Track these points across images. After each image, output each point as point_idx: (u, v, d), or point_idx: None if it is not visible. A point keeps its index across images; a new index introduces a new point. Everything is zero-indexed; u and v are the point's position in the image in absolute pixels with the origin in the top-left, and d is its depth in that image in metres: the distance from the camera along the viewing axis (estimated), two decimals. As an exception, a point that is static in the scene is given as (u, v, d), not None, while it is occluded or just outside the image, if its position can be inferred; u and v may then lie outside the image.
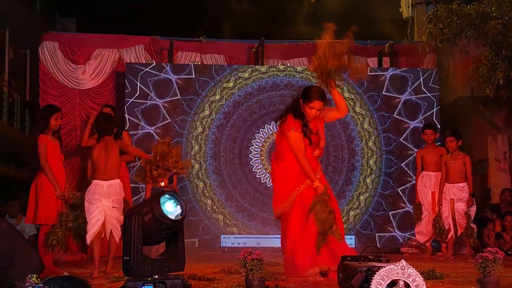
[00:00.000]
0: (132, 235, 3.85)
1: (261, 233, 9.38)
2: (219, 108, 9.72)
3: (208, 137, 9.66)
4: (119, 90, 10.01)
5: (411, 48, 10.51)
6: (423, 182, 8.42)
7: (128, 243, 3.86)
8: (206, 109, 9.68)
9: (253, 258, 4.01)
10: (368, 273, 3.75)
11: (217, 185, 9.57)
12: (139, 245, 3.85)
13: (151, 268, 3.85)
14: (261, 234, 9.37)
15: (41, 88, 10.05)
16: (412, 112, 9.86)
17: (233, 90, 9.76)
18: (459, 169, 8.02)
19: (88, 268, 6.35)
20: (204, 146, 9.65)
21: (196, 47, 10.51)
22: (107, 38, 10.39)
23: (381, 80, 9.93)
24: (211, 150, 9.67)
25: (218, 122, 9.70)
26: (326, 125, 6.01)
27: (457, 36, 8.26)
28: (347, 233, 9.52)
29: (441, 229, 7.95)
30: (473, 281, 4.42)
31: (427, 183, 8.38)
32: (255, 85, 9.81)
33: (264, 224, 9.38)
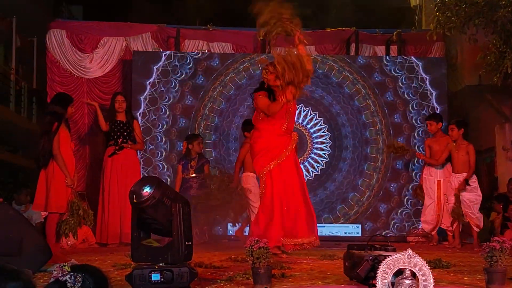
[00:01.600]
0: (136, 223, 3.96)
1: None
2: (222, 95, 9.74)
3: (218, 125, 9.69)
4: (127, 78, 10.01)
5: (419, 36, 10.45)
6: (429, 171, 8.49)
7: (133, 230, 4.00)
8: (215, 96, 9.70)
9: (260, 246, 4.01)
10: (375, 262, 3.75)
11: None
12: (134, 232, 3.99)
13: (145, 256, 3.93)
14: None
15: (48, 76, 10.05)
16: (419, 101, 9.81)
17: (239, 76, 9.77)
18: (462, 159, 8.06)
19: (95, 256, 6.39)
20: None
21: (203, 35, 10.49)
22: (114, 26, 10.37)
23: (388, 68, 9.88)
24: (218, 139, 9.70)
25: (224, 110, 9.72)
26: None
27: (465, 24, 8.21)
28: (354, 222, 9.55)
29: (459, 214, 8.00)
30: (480, 270, 4.42)
31: (433, 172, 8.46)
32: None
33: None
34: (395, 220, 9.60)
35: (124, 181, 8.22)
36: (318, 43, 10.69)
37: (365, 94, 9.83)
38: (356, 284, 4.06)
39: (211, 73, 9.76)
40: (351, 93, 9.84)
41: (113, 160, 8.33)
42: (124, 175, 8.28)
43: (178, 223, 3.95)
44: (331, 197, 9.64)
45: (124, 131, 8.42)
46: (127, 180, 8.21)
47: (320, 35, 10.76)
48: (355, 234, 9.47)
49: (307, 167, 9.66)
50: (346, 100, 9.82)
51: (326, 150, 9.74)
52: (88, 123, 9.89)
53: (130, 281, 3.77)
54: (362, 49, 10.62)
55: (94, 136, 9.75)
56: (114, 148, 8.34)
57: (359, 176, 9.71)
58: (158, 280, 3.77)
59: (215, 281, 4.35)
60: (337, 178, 9.69)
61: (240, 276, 4.43)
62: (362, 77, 9.84)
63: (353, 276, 4.15)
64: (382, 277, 3.39)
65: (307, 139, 9.73)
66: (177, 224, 3.94)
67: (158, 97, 9.61)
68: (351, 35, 10.61)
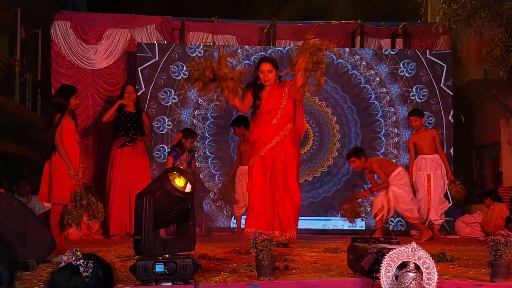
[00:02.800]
0: (143, 214, 3.86)
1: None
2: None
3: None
4: (131, 70, 10.01)
5: (425, 29, 10.42)
6: (418, 166, 8.62)
7: (140, 222, 3.88)
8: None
9: (264, 238, 4.01)
10: (378, 255, 3.74)
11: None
12: (150, 224, 3.86)
13: (161, 248, 3.87)
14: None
15: (53, 68, 10.05)
16: (424, 94, 9.78)
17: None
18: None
19: (99, 247, 6.40)
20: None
21: (208, 28, 10.47)
22: (119, 18, 10.37)
23: (393, 61, 9.85)
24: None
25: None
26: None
27: (471, 17, 8.18)
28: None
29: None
30: (484, 264, 4.41)
31: (422, 166, 8.59)
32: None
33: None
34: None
35: (133, 172, 8.24)
36: (323, 35, 10.64)
37: (370, 87, 9.79)
38: (359, 277, 4.05)
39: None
40: (355, 85, 9.80)
41: (122, 152, 8.32)
42: (134, 166, 8.30)
43: (193, 213, 4.01)
44: (336, 190, 9.63)
45: (133, 123, 8.40)
46: (137, 171, 8.24)
47: (325, 28, 10.72)
48: (359, 227, 9.46)
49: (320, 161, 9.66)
50: (349, 90, 9.79)
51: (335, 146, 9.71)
52: (92, 115, 9.89)
53: (134, 272, 3.76)
54: (367, 42, 10.58)
55: (99, 127, 9.75)
56: (125, 139, 8.32)
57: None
58: (162, 272, 3.76)
59: (219, 272, 4.35)
60: (342, 172, 9.67)
61: (243, 268, 4.43)
62: (366, 70, 9.80)
63: (357, 269, 4.15)
64: (386, 270, 3.38)
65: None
66: (193, 214, 3.98)
67: (162, 89, 9.58)
68: (356, 28, 10.57)
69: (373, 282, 3.68)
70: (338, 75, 9.80)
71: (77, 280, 2.25)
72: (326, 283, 4.04)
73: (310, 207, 9.49)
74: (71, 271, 2.26)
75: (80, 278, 2.25)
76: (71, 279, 2.25)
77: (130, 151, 8.33)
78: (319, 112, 9.76)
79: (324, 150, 9.74)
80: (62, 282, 2.24)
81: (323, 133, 9.75)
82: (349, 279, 4.09)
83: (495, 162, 10.96)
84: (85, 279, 2.25)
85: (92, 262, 2.29)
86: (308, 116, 9.60)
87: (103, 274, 2.31)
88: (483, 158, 11.51)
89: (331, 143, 9.75)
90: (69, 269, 2.27)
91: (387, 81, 9.81)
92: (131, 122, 8.39)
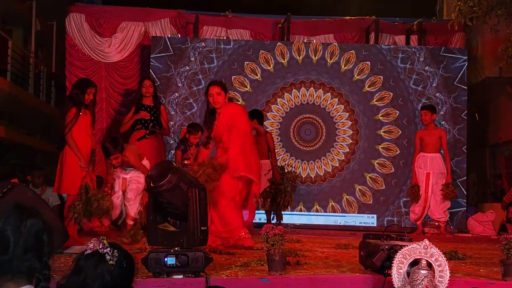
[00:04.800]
0: (149, 207, 4.02)
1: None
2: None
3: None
4: (145, 63, 10.02)
5: (440, 26, 10.34)
6: (419, 163, 8.66)
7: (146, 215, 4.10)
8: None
9: (275, 233, 4.01)
10: (390, 252, 3.73)
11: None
12: (150, 216, 4.04)
13: (161, 240, 3.98)
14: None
15: (67, 60, 10.10)
16: (440, 92, 9.73)
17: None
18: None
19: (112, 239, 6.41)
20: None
21: (222, 22, 10.47)
22: (133, 11, 10.39)
23: (409, 59, 9.80)
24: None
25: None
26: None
27: (487, 14, 8.10)
28: (370, 212, 9.52)
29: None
30: (496, 262, 4.39)
31: (423, 164, 8.62)
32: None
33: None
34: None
35: (151, 165, 8.26)
36: (337, 31, 10.64)
37: (382, 83, 9.75)
38: (371, 273, 4.05)
39: (229, 60, 9.74)
40: (367, 81, 9.76)
41: (140, 144, 8.35)
42: (152, 159, 8.32)
43: (194, 208, 3.98)
44: (346, 186, 9.61)
45: (151, 116, 8.43)
46: (154, 164, 8.25)
47: (339, 23, 10.70)
48: (370, 224, 9.44)
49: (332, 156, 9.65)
50: (359, 88, 9.76)
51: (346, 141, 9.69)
52: (106, 107, 9.93)
53: (146, 264, 3.79)
54: (382, 38, 10.53)
55: (112, 121, 9.79)
56: (145, 132, 8.36)
57: (375, 166, 9.66)
58: (173, 264, 3.78)
59: (230, 266, 4.36)
60: (353, 167, 9.65)
61: (255, 263, 4.44)
62: (379, 66, 9.76)
63: (369, 265, 4.14)
64: (398, 266, 3.38)
65: (333, 127, 9.69)
66: (193, 209, 3.97)
67: (174, 83, 9.60)
68: (371, 24, 10.52)
69: (385, 279, 3.67)
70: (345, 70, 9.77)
71: (103, 268, 2.28)
72: (338, 279, 4.04)
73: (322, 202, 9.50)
74: (97, 259, 2.30)
75: (106, 266, 2.29)
76: (98, 266, 2.29)
77: (148, 143, 8.36)
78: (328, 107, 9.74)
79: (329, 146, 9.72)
80: (88, 269, 2.29)
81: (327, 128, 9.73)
82: (360, 275, 4.09)
83: (509, 161, 10.88)
84: (110, 267, 2.29)
85: (117, 251, 2.32)
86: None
87: (126, 264, 2.35)
88: (497, 157, 11.43)
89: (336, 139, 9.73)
90: (96, 257, 2.31)
91: (402, 78, 9.75)
92: (149, 115, 8.42)
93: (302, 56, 9.77)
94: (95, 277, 2.27)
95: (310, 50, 9.79)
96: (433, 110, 8.71)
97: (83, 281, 2.27)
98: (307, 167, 9.61)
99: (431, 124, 8.67)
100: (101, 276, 2.27)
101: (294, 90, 9.71)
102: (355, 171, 9.64)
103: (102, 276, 2.27)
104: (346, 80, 9.75)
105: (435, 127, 8.75)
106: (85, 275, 2.28)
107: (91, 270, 2.28)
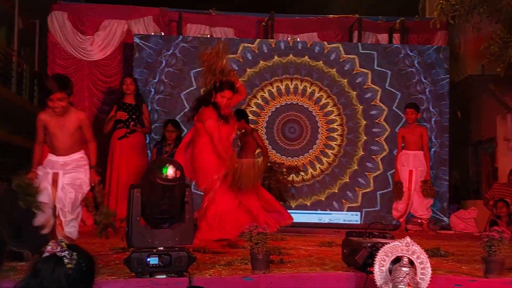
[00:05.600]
0: (130, 207, 3.91)
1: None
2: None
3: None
4: (127, 62, 9.97)
5: (422, 25, 10.38)
6: (401, 161, 8.82)
7: (127, 215, 3.94)
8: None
9: (259, 232, 4.02)
10: (373, 249, 3.75)
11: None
12: (137, 217, 3.91)
13: (151, 240, 3.89)
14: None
15: (49, 59, 10.02)
16: (421, 90, 9.77)
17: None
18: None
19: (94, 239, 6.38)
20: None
21: (205, 20, 10.43)
22: (116, 9, 10.33)
23: (392, 57, 9.83)
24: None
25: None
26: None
27: (469, 12, 8.15)
28: (354, 209, 9.55)
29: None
30: (478, 260, 4.42)
31: (405, 162, 8.78)
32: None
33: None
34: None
35: (133, 164, 8.25)
36: (321, 29, 10.65)
37: (368, 81, 9.78)
38: (354, 271, 4.07)
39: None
40: (353, 80, 9.79)
41: (122, 143, 8.32)
42: (134, 158, 8.30)
43: (190, 207, 4.03)
44: (332, 184, 9.63)
45: (133, 114, 8.39)
46: (137, 163, 8.24)
47: (323, 22, 10.72)
48: (354, 221, 9.47)
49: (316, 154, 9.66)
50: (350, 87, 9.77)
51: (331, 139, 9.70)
52: (89, 106, 9.85)
53: (128, 264, 3.77)
54: (365, 37, 10.56)
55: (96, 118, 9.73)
56: (125, 131, 8.32)
57: (361, 164, 9.68)
58: (156, 264, 3.78)
59: (214, 265, 4.36)
60: (339, 166, 9.67)
61: (238, 262, 4.45)
62: (363, 65, 9.78)
63: (351, 263, 4.16)
64: (380, 264, 3.39)
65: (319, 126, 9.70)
66: (189, 208, 3.99)
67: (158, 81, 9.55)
68: (354, 22, 10.55)
69: (367, 277, 3.69)
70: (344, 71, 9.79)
71: (60, 272, 2.23)
72: (321, 277, 4.05)
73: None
74: (55, 262, 2.24)
75: (64, 269, 2.23)
76: (55, 270, 2.23)
77: (130, 142, 8.33)
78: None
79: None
80: (46, 272, 2.23)
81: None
82: (343, 273, 4.11)
83: (491, 158, 10.96)
84: (68, 271, 2.23)
85: (76, 254, 2.28)
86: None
87: (86, 266, 2.30)
88: (479, 154, 11.51)
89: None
90: (53, 260, 2.25)
91: (383, 76, 9.78)
92: (130, 114, 8.38)
93: (286, 53, 9.76)
94: (52, 280, 2.21)
95: (294, 47, 9.79)
96: (418, 109, 8.84)
97: (40, 284, 2.21)
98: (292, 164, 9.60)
99: (414, 122, 8.77)
100: (58, 280, 2.21)
101: (278, 87, 9.70)
102: (340, 169, 9.65)
103: (58, 280, 2.21)
104: (330, 78, 9.75)
105: (417, 125, 8.89)
106: (42, 278, 2.22)
107: (48, 274, 2.22)
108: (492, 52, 8.44)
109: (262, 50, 9.75)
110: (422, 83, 9.78)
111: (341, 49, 9.81)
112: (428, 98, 9.73)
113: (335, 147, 9.69)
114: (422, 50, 9.88)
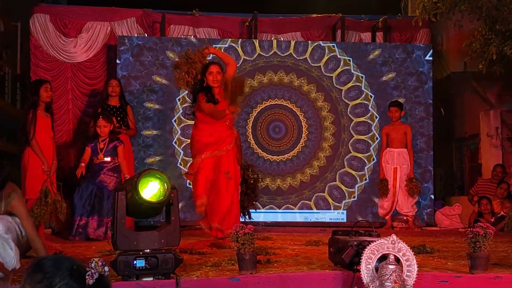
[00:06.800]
0: (115, 210, 3.90)
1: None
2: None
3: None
4: (111, 63, 9.92)
5: (405, 23, 10.43)
6: (386, 159, 8.94)
7: (112, 218, 3.93)
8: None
9: (245, 232, 4.02)
10: (359, 247, 3.77)
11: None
12: (122, 219, 3.89)
13: (136, 242, 3.87)
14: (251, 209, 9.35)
15: (32, 62, 9.94)
16: (404, 88, 9.82)
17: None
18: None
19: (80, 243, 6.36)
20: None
21: (189, 21, 10.41)
22: (99, 10, 10.27)
23: (374, 55, 9.87)
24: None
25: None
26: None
27: (451, 10, 8.20)
28: (340, 208, 9.58)
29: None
30: (463, 256, 4.46)
31: (390, 159, 8.90)
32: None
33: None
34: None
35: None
36: (304, 29, 10.67)
37: (353, 79, 9.81)
38: (340, 270, 4.08)
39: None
40: (337, 79, 9.81)
41: None
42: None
43: (176, 208, 4.03)
44: (316, 182, 9.65)
45: (117, 116, 8.34)
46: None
47: (306, 21, 10.74)
48: (340, 220, 9.50)
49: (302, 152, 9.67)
50: (331, 86, 9.80)
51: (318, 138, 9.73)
52: (72, 108, 9.79)
53: (115, 267, 3.76)
54: (348, 36, 10.60)
55: (80, 121, 9.68)
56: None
57: (345, 162, 9.72)
58: (143, 267, 3.77)
59: (201, 266, 4.35)
60: (321, 163, 9.69)
61: (225, 262, 4.45)
62: (347, 64, 9.81)
63: (338, 262, 4.18)
64: (366, 262, 3.41)
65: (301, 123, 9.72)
66: (175, 209, 4.00)
67: (142, 83, 9.52)
68: (337, 22, 10.58)
69: (354, 275, 3.71)
70: (313, 68, 9.81)
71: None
72: (307, 276, 4.06)
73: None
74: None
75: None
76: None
77: None
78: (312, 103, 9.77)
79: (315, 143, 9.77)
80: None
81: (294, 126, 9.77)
82: (330, 272, 4.12)
83: (475, 155, 11.05)
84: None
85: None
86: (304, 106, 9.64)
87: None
88: (463, 151, 11.60)
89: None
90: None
91: (367, 74, 9.82)
92: (115, 115, 8.33)
93: (270, 53, 9.78)
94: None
95: (278, 47, 9.80)
96: (401, 107, 8.93)
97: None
98: (278, 164, 9.62)
99: (398, 120, 8.83)
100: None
101: (262, 87, 9.71)
102: (326, 168, 9.68)
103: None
104: (314, 77, 9.78)
105: (400, 123, 9.00)
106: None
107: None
108: (474, 49, 8.51)
109: (245, 49, 9.75)
110: (405, 81, 9.83)
111: (325, 48, 9.84)
112: (412, 96, 9.79)
113: (319, 145, 9.71)
114: (405, 48, 9.94)
